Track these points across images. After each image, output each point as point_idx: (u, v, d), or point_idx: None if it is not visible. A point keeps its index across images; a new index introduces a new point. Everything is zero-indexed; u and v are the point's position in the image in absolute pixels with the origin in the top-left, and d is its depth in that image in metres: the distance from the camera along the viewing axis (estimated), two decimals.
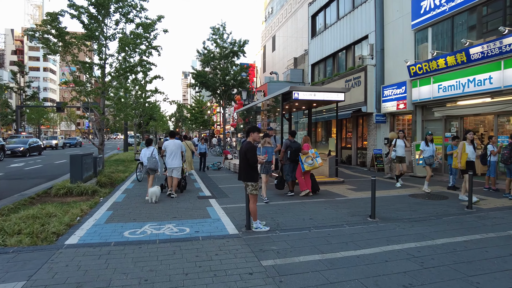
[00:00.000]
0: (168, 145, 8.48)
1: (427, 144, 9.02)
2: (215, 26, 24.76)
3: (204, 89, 26.23)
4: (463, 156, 7.52)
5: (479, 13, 10.57)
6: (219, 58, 24.80)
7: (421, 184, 9.98)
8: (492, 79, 9.60)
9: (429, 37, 12.14)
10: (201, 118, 43.04)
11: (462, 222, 5.74)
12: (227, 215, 6.23)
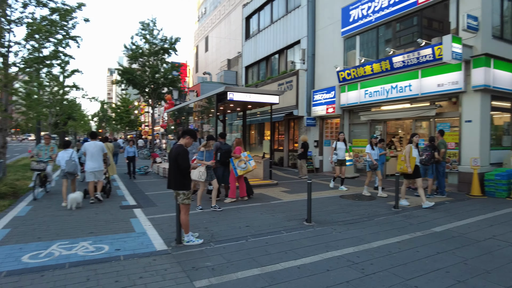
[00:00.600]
0: (89, 147, 7.67)
1: (372, 147, 8.81)
2: (145, 21, 23.25)
3: (131, 86, 24.43)
4: (411, 160, 7.29)
5: (401, 25, 11.43)
6: (148, 55, 23.31)
7: (349, 185, 10.38)
8: (411, 87, 10.40)
9: (357, 44, 12.80)
10: (127, 118, 40.20)
11: (392, 223, 5.92)
12: (154, 228, 5.53)
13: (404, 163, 7.32)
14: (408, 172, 7.28)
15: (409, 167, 7.25)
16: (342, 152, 9.73)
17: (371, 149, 8.73)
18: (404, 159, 7.38)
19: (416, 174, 7.40)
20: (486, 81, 8.68)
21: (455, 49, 8.43)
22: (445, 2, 9.78)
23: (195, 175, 6.80)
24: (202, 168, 6.73)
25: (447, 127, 9.93)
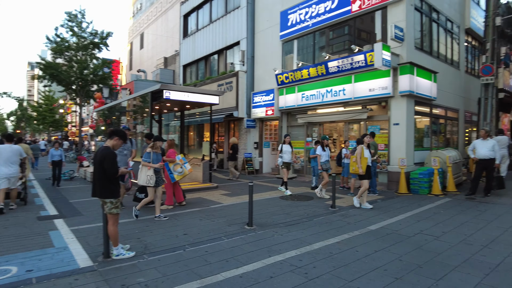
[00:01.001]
0: (3, 150, 6.77)
1: (323, 148, 8.72)
2: (72, 12, 21.19)
3: (56, 83, 22.03)
4: (363, 160, 7.18)
5: (336, 32, 11.94)
6: (76, 49, 21.27)
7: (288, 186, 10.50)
8: (345, 91, 10.89)
9: (295, 48, 13.09)
10: (51, 118, 36.34)
11: (331, 222, 6.02)
12: (78, 241, 4.85)
13: (356, 164, 7.24)
14: (359, 173, 7.20)
15: (360, 167, 7.15)
16: (288, 155, 9.40)
17: (322, 151, 8.66)
18: (355, 160, 7.28)
19: (368, 175, 7.28)
20: (411, 87, 9.41)
21: (385, 56, 9.00)
22: (377, 12, 10.43)
23: (142, 180, 6.22)
24: (150, 172, 6.21)
25: (377, 129, 10.58)
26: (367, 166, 7.20)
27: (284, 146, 9.39)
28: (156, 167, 6.25)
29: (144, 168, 6.25)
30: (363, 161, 7.18)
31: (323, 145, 8.75)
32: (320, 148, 8.69)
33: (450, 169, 9.17)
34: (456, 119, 12.90)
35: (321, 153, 8.64)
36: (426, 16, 10.78)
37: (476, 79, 14.28)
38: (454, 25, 12.64)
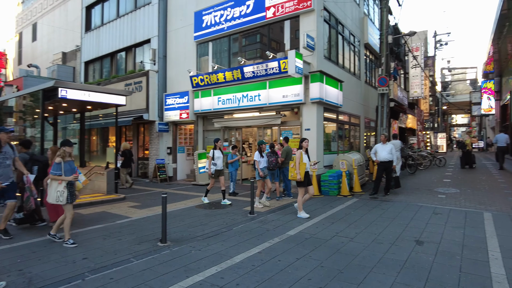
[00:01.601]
0: None
1: (261, 154, 8.14)
2: None
3: None
4: (301, 166, 6.73)
5: (252, 37, 11.98)
6: None
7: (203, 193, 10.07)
8: (260, 96, 10.97)
9: (210, 51, 12.74)
10: None
11: (251, 230, 5.81)
12: None
13: (295, 170, 6.71)
14: (297, 179, 6.70)
15: (298, 173, 6.66)
16: (221, 161, 8.62)
17: (260, 157, 8.10)
18: (294, 166, 6.74)
19: (308, 181, 6.88)
20: (321, 94, 9.92)
21: (298, 64, 9.30)
22: (289, 21, 10.77)
23: (52, 198, 4.95)
24: (60, 187, 4.99)
25: (290, 134, 10.90)
26: (306, 172, 6.79)
27: (216, 152, 8.53)
28: (69, 179, 5.09)
29: (54, 183, 5.03)
30: (302, 167, 6.72)
31: (261, 150, 8.17)
32: (258, 154, 8.12)
33: (356, 171, 9.91)
34: (358, 124, 14.17)
35: (259, 159, 8.05)
36: (333, 28, 11.57)
37: (373, 89, 16.02)
38: (355, 39, 13.91)
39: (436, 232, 5.50)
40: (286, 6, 10.37)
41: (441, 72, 42.82)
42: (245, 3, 11.28)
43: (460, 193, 9.07)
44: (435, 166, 16.48)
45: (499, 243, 4.90)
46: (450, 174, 13.38)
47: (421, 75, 23.98)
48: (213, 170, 8.42)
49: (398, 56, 20.40)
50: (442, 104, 38.50)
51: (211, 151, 8.56)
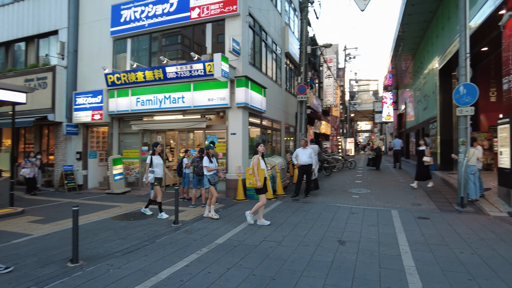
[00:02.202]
0: None
1: (210, 159, 7.34)
2: None
3: None
4: (260, 172, 6.42)
5: (174, 36, 11.48)
6: None
7: (121, 202, 9.26)
8: (184, 98, 10.55)
9: (128, 47, 11.82)
10: None
11: (176, 242, 5.45)
12: None
13: (253, 177, 6.34)
14: (257, 186, 6.36)
15: (258, 180, 6.32)
16: (161, 168, 7.73)
17: (209, 162, 7.27)
18: (252, 173, 6.34)
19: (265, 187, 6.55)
20: (246, 99, 9.97)
21: (224, 68, 9.18)
22: (212, 23, 10.60)
23: None
24: None
25: (216, 138, 10.72)
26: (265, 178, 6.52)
27: (154, 158, 7.58)
28: None
29: None
30: (261, 173, 6.41)
31: (209, 155, 7.36)
32: (206, 159, 7.29)
33: (279, 175, 10.19)
34: (279, 130, 14.66)
35: (209, 164, 7.27)
36: (257, 35, 11.78)
37: (292, 96, 16.79)
38: (277, 47, 14.41)
39: (355, 231, 5.90)
40: (212, 8, 10.19)
41: (349, 83, 47.35)
42: (169, 1, 10.75)
43: (371, 193, 10.00)
44: (347, 169, 17.99)
45: (406, 237, 5.46)
46: (360, 176, 14.72)
47: (333, 85, 26.08)
48: (151, 179, 7.46)
49: (315, 66, 21.85)
50: (350, 112, 42.52)
51: (148, 157, 7.58)
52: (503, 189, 8.05)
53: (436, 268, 4.15)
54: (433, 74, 15.62)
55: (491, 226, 6.17)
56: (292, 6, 17.39)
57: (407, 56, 22.02)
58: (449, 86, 14.21)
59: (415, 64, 21.64)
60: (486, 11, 8.73)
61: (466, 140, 7.87)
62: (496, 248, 4.92)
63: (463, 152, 7.87)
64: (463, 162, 7.81)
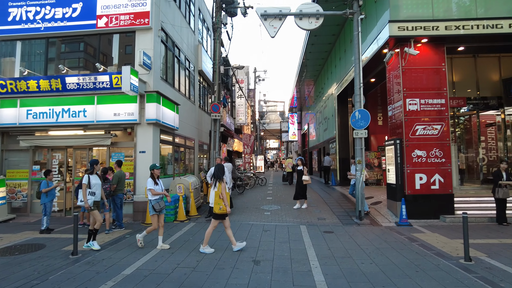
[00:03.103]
0: None
1: (155, 181, 6.44)
2: None
3: None
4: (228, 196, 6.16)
5: (75, 44, 10.42)
6: None
7: (2, 233, 7.77)
8: (86, 112, 9.56)
9: (18, 51, 10.27)
10: None
11: (75, 277, 4.75)
12: None
13: (223, 202, 5.87)
14: (228, 212, 5.93)
15: (227, 205, 5.93)
16: (99, 189, 6.63)
17: (154, 184, 6.37)
18: (222, 197, 5.88)
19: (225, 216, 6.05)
20: (158, 116, 9.53)
21: (133, 81, 8.64)
22: (120, 35, 9.99)
23: None
24: None
25: (122, 157, 9.93)
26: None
27: (92, 178, 6.46)
28: None
29: None
30: (228, 197, 6.13)
31: (154, 177, 6.44)
32: (151, 181, 6.38)
33: (192, 195, 9.90)
34: (192, 147, 14.37)
35: (154, 187, 6.33)
36: (170, 50, 11.50)
37: (206, 114, 16.75)
38: (191, 64, 14.29)
39: (268, 249, 6.02)
40: (122, 19, 9.60)
41: (259, 103, 49.63)
42: (71, 5, 9.77)
43: (281, 209, 10.42)
44: (258, 185, 18.53)
45: (315, 252, 5.80)
46: (271, 192, 15.29)
47: (245, 105, 26.96)
48: (91, 202, 6.34)
49: (227, 86, 22.30)
50: (260, 130, 44.39)
51: (85, 177, 6.45)
52: (391, 202, 9.28)
53: (343, 281, 4.48)
54: (332, 99, 17.43)
55: (383, 236, 7.00)
56: (206, 25, 17.58)
57: (310, 81, 24.18)
58: (346, 110, 16.03)
59: (317, 89, 23.88)
60: (373, 48, 10.18)
61: (362, 159, 8.89)
62: (389, 255, 5.58)
63: (359, 170, 8.85)
64: (360, 179, 8.77)
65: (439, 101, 8.86)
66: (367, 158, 14.88)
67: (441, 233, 7.18)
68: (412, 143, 8.77)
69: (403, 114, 8.85)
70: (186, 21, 13.54)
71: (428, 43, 8.97)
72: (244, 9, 12.57)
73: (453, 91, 11.02)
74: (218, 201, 5.89)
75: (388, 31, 8.66)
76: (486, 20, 8.54)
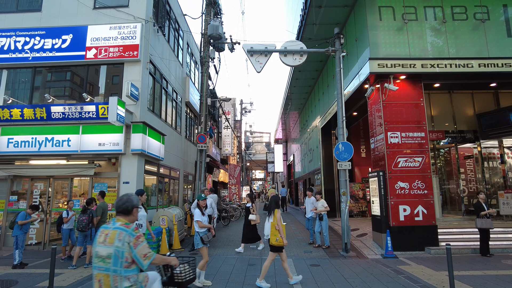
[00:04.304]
0: None
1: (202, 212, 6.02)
2: None
3: None
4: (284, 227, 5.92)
5: (61, 73, 10.47)
6: None
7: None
8: (70, 142, 9.45)
9: (3, 80, 10.22)
10: None
11: None
12: None
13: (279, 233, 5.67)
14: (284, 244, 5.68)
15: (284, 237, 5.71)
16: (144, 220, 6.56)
17: (201, 215, 5.98)
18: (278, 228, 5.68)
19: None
20: (143, 146, 9.50)
21: (119, 112, 8.68)
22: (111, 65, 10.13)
23: None
24: None
25: (105, 187, 9.72)
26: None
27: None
28: None
29: None
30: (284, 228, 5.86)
31: (201, 208, 6.07)
32: (198, 212, 5.98)
33: (176, 227, 9.66)
34: (177, 178, 14.21)
35: (201, 218, 5.94)
36: (158, 82, 11.67)
37: (192, 144, 16.75)
38: (178, 96, 14.48)
39: (254, 285, 5.86)
40: (111, 51, 9.79)
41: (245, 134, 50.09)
42: (61, 36, 9.93)
43: (267, 242, 10.23)
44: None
45: (302, 287, 5.68)
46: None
47: (231, 135, 27.14)
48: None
49: (214, 117, 22.52)
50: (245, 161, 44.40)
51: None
52: (376, 234, 9.29)
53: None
54: (316, 131, 17.80)
55: (370, 268, 6.95)
56: (194, 59, 18.02)
57: (294, 113, 24.73)
58: (330, 141, 16.35)
59: (302, 121, 24.39)
60: (354, 83, 10.62)
61: (347, 191, 8.97)
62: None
63: (344, 202, 8.91)
64: (345, 211, 8.81)
65: (419, 134, 9.20)
66: (351, 190, 15.02)
67: (426, 265, 7.19)
68: (395, 175, 8.97)
69: (385, 146, 9.11)
70: (174, 54, 13.88)
71: (406, 79, 9.45)
72: (231, 45, 13.01)
73: (432, 124, 11.48)
74: (275, 232, 5.73)
75: (369, 67, 9.11)
76: (457, 59, 9.14)
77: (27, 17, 10.39)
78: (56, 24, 10.15)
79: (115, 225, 2.73)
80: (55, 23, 10.18)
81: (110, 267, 2.61)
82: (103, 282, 2.61)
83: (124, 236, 2.65)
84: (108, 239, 2.66)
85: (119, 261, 2.61)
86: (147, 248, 2.72)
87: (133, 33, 9.85)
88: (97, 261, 2.65)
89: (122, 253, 2.62)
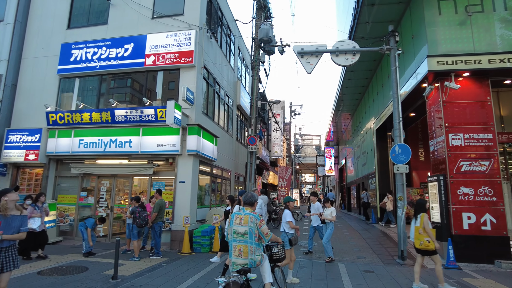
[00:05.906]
0: None
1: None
2: None
3: None
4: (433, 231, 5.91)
5: (124, 80, 11.35)
6: None
7: (51, 254, 8.21)
8: (132, 143, 10.20)
9: (76, 87, 11.38)
10: None
11: None
12: None
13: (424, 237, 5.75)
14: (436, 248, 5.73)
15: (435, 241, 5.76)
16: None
17: (292, 216, 6.33)
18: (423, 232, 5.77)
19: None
20: (198, 147, 9.93)
21: (176, 115, 9.19)
22: (168, 71, 10.77)
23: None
24: None
25: (163, 186, 10.32)
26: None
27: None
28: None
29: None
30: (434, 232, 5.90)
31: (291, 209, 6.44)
32: (289, 213, 6.33)
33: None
34: (229, 179, 14.61)
35: (292, 219, 6.28)
36: (211, 86, 12.14)
37: (243, 146, 17.10)
38: (230, 99, 14.90)
39: (304, 287, 5.82)
40: (168, 58, 10.41)
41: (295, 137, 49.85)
42: (123, 46, 10.80)
43: (318, 246, 10.10)
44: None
45: None
46: (307, 227, 14.89)
47: (280, 138, 27.21)
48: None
49: (264, 120, 22.78)
50: (295, 164, 44.14)
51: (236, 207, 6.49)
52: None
53: None
54: (370, 133, 17.14)
55: (429, 278, 6.53)
56: (244, 63, 18.43)
57: (347, 115, 24.04)
58: (385, 144, 15.63)
59: (354, 123, 23.64)
60: (411, 83, 10.07)
61: (403, 196, 8.53)
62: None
63: (401, 207, 8.48)
64: (402, 217, 8.38)
65: (486, 136, 8.44)
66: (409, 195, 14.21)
67: (497, 280, 6.56)
68: (457, 179, 8.33)
69: (446, 149, 8.50)
70: (226, 59, 14.32)
71: (470, 76, 8.75)
72: (281, 48, 13.09)
73: (501, 125, 10.46)
74: (418, 236, 5.83)
75: (427, 65, 8.59)
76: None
77: (96, 30, 11.46)
78: (119, 35, 11.05)
79: (245, 212, 3.94)
80: (119, 34, 11.08)
81: (248, 240, 3.79)
82: (243, 250, 3.77)
83: (254, 219, 3.85)
84: (243, 221, 3.85)
85: (253, 236, 3.79)
86: (267, 229, 3.89)
87: (188, 40, 10.37)
88: (236, 236, 3.83)
89: (253, 230, 3.79)
